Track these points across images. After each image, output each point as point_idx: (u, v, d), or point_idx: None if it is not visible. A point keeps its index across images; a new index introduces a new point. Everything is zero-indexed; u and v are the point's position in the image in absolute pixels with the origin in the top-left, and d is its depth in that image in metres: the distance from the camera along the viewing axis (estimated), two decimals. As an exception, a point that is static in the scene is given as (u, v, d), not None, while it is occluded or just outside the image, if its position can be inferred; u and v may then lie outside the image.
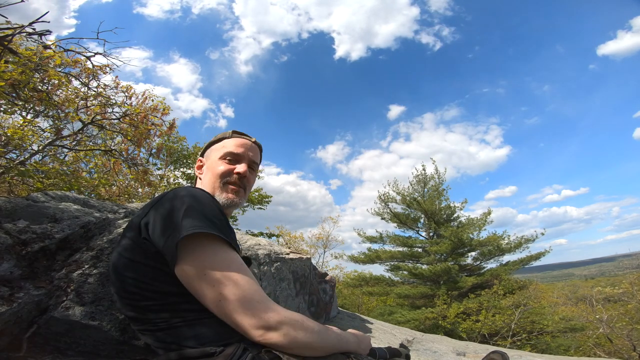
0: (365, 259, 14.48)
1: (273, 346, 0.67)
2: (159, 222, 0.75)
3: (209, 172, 1.02)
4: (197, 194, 0.82)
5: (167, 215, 0.75)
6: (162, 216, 0.76)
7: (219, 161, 1.02)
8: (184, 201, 0.77)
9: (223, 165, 1.01)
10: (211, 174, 1.01)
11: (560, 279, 70.28)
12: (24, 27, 1.99)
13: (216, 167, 1.00)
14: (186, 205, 0.76)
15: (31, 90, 2.95)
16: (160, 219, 0.76)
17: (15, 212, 1.36)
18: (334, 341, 0.77)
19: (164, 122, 4.74)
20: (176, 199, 0.79)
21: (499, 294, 11.38)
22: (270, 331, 0.67)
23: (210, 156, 1.06)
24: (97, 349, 1.14)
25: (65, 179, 3.53)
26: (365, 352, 0.87)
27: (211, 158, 1.05)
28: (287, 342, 0.67)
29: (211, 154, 1.06)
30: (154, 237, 0.75)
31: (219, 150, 1.04)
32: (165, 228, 0.74)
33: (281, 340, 0.67)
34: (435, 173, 14.90)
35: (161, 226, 0.74)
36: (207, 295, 0.70)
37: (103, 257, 1.31)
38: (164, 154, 5.98)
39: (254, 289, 0.71)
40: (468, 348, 3.03)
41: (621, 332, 9.43)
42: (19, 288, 1.13)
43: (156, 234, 0.74)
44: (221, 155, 1.02)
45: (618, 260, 14.99)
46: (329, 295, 3.16)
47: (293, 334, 0.68)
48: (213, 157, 1.04)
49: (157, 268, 0.75)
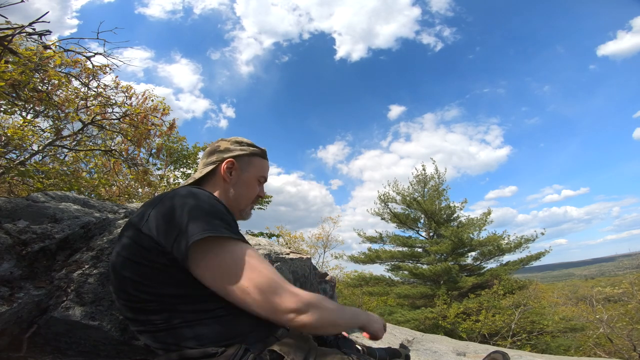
0: (366, 259, 14.48)
1: (304, 327, 0.73)
2: (163, 223, 0.75)
3: (243, 186, 1.01)
4: (199, 192, 0.82)
5: (171, 215, 0.75)
6: (166, 216, 0.75)
7: (255, 182, 1.04)
8: (187, 201, 0.77)
9: (256, 187, 1.04)
10: (247, 190, 1.01)
11: (560, 279, 70.28)
12: (24, 27, 1.99)
13: (252, 186, 1.03)
14: (191, 206, 0.76)
15: (31, 90, 2.95)
16: (164, 219, 0.75)
17: (15, 212, 1.36)
18: (350, 316, 0.85)
19: (164, 122, 4.74)
20: (179, 199, 0.78)
21: (499, 294, 11.38)
22: (300, 314, 0.71)
23: (248, 170, 1.03)
24: (97, 349, 1.14)
25: (65, 179, 3.53)
26: (374, 330, 0.92)
27: (249, 173, 1.02)
28: (315, 321, 0.72)
29: (250, 167, 1.03)
30: (158, 237, 0.74)
31: (257, 169, 1.04)
32: (171, 229, 0.73)
33: (311, 321, 0.72)
34: (435, 173, 14.92)
35: (166, 227, 0.74)
36: (233, 292, 0.72)
37: (103, 257, 1.30)
38: (164, 154, 5.97)
39: (276, 277, 0.74)
40: (468, 348, 3.03)
41: (621, 332, 9.43)
42: (19, 288, 1.13)
43: (160, 234, 0.74)
44: (259, 177, 1.04)
45: (618, 260, 15.00)
46: (329, 295, 3.16)
47: (320, 313, 0.73)
48: (251, 173, 1.03)
49: (156, 268, 0.75)
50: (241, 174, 1.01)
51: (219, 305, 0.75)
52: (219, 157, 1.02)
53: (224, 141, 1.06)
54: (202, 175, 1.01)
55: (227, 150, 1.03)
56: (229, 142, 1.05)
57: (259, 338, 0.76)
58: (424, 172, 15.00)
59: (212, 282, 0.73)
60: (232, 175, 1.00)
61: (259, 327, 0.78)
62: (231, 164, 1.00)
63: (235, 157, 1.01)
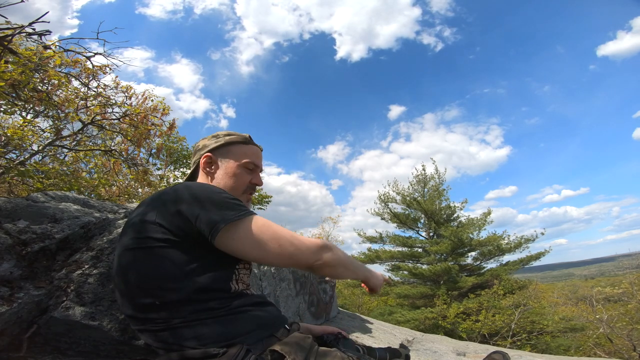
0: (366, 259, 14.48)
1: (327, 264, 0.82)
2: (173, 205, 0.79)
3: (226, 176, 1.00)
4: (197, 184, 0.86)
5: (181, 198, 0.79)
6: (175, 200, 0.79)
7: (240, 169, 1.01)
8: (193, 190, 0.81)
9: (245, 175, 1.02)
10: (232, 180, 1.00)
11: (560, 279, 70.29)
12: (24, 27, 1.98)
13: (238, 175, 1.01)
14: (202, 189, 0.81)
15: (31, 90, 2.95)
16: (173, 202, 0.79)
17: (15, 212, 1.36)
18: (357, 265, 0.96)
19: (164, 122, 4.74)
20: (180, 190, 0.81)
21: (499, 294, 11.38)
22: (324, 252, 0.82)
23: (228, 158, 1.02)
24: (97, 349, 1.14)
25: (65, 179, 3.53)
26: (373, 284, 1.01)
27: (230, 161, 1.01)
28: (336, 258, 0.84)
29: (229, 156, 1.02)
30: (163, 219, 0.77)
31: (238, 156, 1.03)
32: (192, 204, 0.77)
33: (333, 258, 0.83)
34: (435, 173, 14.92)
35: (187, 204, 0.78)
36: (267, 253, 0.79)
37: (103, 257, 1.30)
38: (164, 154, 5.97)
39: (293, 234, 0.84)
40: (468, 348, 3.03)
41: (621, 332, 9.43)
42: (19, 288, 1.13)
43: (184, 211, 0.77)
44: (242, 163, 1.02)
45: (618, 260, 14.99)
46: (329, 295, 3.16)
47: (337, 252, 0.86)
48: (232, 161, 1.02)
49: (158, 267, 0.75)
50: (221, 165, 1.01)
51: (220, 305, 0.75)
52: (198, 155, 1.04)
53: (203, 139, 1.08)
54: (187, 177, 1.07)
55: (204, 147, 1.04)
56: (207, 139, 1.07)
57: (259, 338, 0.76)
58: (424, 172, 15.01)
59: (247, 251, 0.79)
60: (213, 169, 1.01)
61: (259, 327, 0.78)
62: (208, 159, 1.01)
63: (211, 150, 1.02)
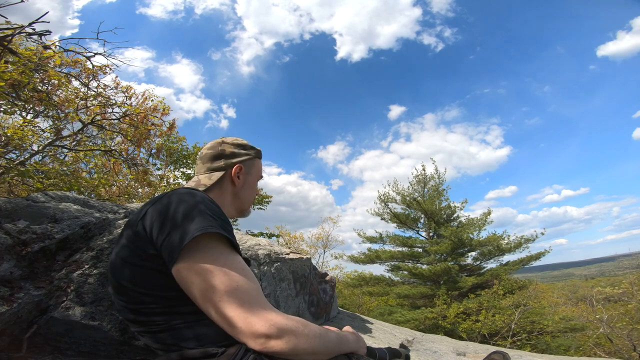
0: (365, 259, 14.47)
1: (275, 354, 0.66)
2: (158, 221, 0.75)
3: (249, 187, 1.07)
4: (198, 194, 0.82)
5: (168, 214, 0.75)
6: (163, 214, 0.75)
7: (256, 182, 1.10)
8: (184, 200, 0.77)
9: (256, 187, 1.10)
10: (251, 192, 1.08)
11: (560, 279, 70.29)
12: (24, 27, 1.99)
13: (254, 187, 1.09)
14: (189, 205, 0.75)
15: (31, 90, 2.95)
16: (160, 217, 0.75)
17: (15, 212, 1.36)
18: (335, 343, 0.77)
19: (164, 122, 4.74)
20: (176, 197, 0.78)
21: (499, 294, 11.37)
22: (271, 339, 0.65)
23: (252, 173, 1.09)
24: (97, 349, 1.14)
25: (65, 179, 3.53)
26: (363, 350, 0.87)
27: (252, 175, 1.09)
28: (289, 349, 0.66)
29: (252, 170, 1.09)
30: (152, 235, 0.74)
31: (258, 170, 1.11)
32: (164, 226, 0.73)
33: (283, 348, 0.65)
34: (435, 173, 14.92)
35: (160, 225, 0.74)
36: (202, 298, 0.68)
37: (103, 257, 1.30)
38: (164, 154, 5.98)
39: (255, 294, 0.69)
40: (468, 348, 3.03)
41: (621, 332, 9.43)
42: (19, 288, 1.13)
43: (154, 232, 0.74)
44: (258, 178, 1.11)
45: (618, 260, 14.99)
46: (329, 295, 3.16)
47: (295, 341, 0.66)
48: (253, 176, 1.09)
49: (155, 269, 0.74)
50: (247, 177, 1.06)
51: None
52: (227, 162, 1.04)
53: (227, 144, 1.07)
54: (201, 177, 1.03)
55: (233, 155, 1.05)
56: (233, 146, 1.07)
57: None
58: (424, 172, 15.00)
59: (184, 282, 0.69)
60: (240, 180, 1.04)
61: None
62: (239, 169, 1.04)
63: (242, 161, 1.06)
